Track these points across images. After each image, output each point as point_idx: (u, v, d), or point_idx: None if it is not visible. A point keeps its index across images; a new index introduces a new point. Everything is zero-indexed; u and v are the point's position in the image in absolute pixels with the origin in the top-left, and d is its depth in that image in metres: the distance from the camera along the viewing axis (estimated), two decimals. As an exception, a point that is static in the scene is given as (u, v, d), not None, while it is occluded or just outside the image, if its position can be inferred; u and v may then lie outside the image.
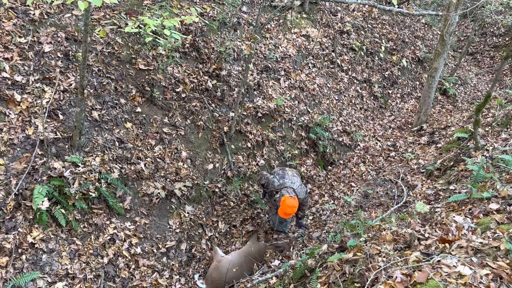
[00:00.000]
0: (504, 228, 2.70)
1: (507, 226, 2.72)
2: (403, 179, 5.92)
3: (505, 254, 2.31)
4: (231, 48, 6.09)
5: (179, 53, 5.61)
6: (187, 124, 5.41)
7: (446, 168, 5.38)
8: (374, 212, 5.17)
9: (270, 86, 6.62)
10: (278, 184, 4.65)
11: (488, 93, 4.84)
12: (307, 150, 6.62)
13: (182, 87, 5.45)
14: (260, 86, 6.43)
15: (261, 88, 6.45)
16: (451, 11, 6.31)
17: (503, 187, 3.53)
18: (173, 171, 5.01)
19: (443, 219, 3.44)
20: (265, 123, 6.23)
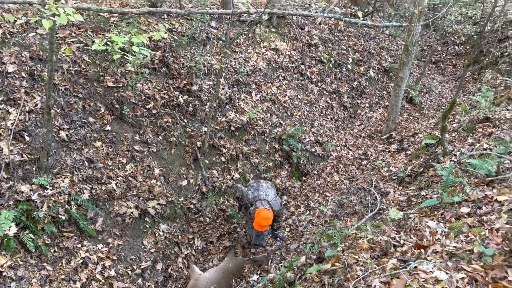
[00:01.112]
0: (476, 231, 2.77)
1: (479, 229, 2.80)
2: (375, 186, 6.02)
3: (479, 257, 2.37)
4: (202, 63, 6.08)
5: (149, 69, 5.55)
6: (159, 140, 5.33)
7: (416, 174, 5.51)
8: (349, 220, 5.22)
9: (242, 100, 6.64)
10: (253, 197, 4.63)
11: (453, 100, 5.02)
12: (281, 162, 6.64)
13: (153, 103, 5.38)
14: (232, 100, 6.43)
15: (233, 101, 6.45)
16: (413, 22, 6.55)
17: (473, 191, 3.64)
18: (146, 189, 4.90)
19: (416, 224, 3.50)
20: (238, 137, 6.22)
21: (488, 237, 2.58)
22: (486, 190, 3.62)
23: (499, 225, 2.78)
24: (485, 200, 3.40)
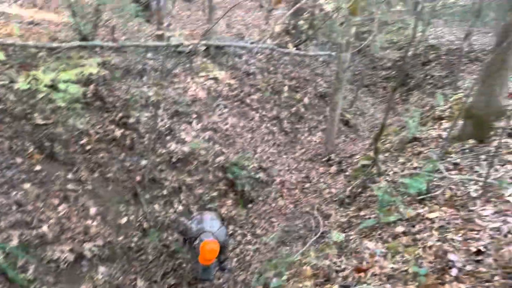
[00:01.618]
0: (410, 250, 2.90)
1: (413, 248, 2.93)
2: (318, 209, 6.15)
3: (413, 277, 2.46)
4: (138, 95, 5.96)
5: (81, 104, 5.33)
6: (95, 177, 5.08)
7: (355, 195, 5.72)
8: (295, 246, 5.25)
9: (183, 130, 6.56)
10: (196, 230, 4.52)
11: (383, 122, 5.31)
12: (226, 190, 6.59)
13: (87, 139, 5.15)
14: (172, 130, 6.33)
15: (174, 132, 6.36)
16: (343, 51, 6.93)
17: (406, 210, 3.82)
18: (82, 230, 4.62)
19: (357, 246, 3.59)
20: (180, 168, 6.10)
21: (422, 256, 2.71)
22: (418, 208, 3.82)
23: (431, 242, 2.93)
24: (418, 218, 3.59)
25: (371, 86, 12.69)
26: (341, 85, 7.59)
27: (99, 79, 5.63)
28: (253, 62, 8.87)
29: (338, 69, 7.53)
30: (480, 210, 3.24)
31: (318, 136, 9.44)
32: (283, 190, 7.22)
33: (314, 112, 9.79)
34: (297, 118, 9.23)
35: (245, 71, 8.61)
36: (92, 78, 5.55)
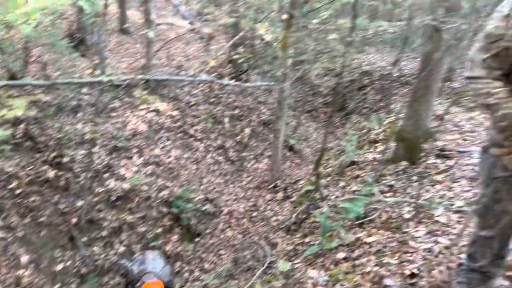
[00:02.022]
0: (350, 278, 2.94)
1: (352, 275, 2.98)
2: (266, 238, 6.13)
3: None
4: (72, 133, 5.71)
5: (10, 145, 5.01)
6: (26, 223, 4.74)
7: (301, 221, 5.77)
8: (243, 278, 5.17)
9: (123, 166, 6.34)
10: (138, 272, 4.32)
11: (322, 148, 5.47)
12: (171, 226, 6.40)
13: (16, 182, 4.82)
14: (110, 167, 6.10)
15: (112, 169, 6.13)
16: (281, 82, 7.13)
17: (347, 235, 3.91)
18: (13, 281, 4.26)
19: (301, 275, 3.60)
20: (120, 206, 5.86)
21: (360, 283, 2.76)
22: (358, 232, 3.93)
23: (369, 268, 3.00)
24: (358, 243, 3.68)
25: (313, 111, 13.11)
26: (283, 112, 7.77)
27: (29, 118, 5.34)
28: (196, 93, 8.88)
29: (279, 98, 7.72)
30: (413, 232, 3.39)
31: (265, 163, 9.52)
32: (231, 220, 7.15)
33: (259, 139, 9.90)
34: (243, 146, 9.28)
35: (188, 101, 8.58)
36: (21, 117, 5.26)
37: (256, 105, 10.42)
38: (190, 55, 10.29)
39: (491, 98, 1.68)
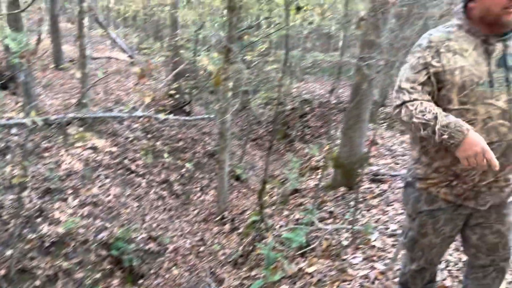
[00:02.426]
0: (290, 312, 2.92)
1: (292, 309, 2.96)
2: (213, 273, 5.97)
3: None
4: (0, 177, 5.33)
5: None
6: None
7: (247, 253, 5.71)
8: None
9: (57, 209, 5.98)
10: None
11: (264, 179, 5.51)
12: (112, 269, 6.05)
13: None
14: (43, 211, 5.73)
15: (46, 213, 5.75)
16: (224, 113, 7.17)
17: (290, 266, 3.90)
18: None
19: (246, 313, 3.52)
20: (55, 252, 5.47)
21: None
22: (300, 262, 3.94)
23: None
24: (300, 274, 3.68)
25: (258, 140, 13.28)
26: (226, 143, 7.78)
27: None
28: (136, 127, 8.68)
29: (221, 129, 7.73)
30: (351, 259, 3.45)
31: (211, 194, 9.41)
32: (177, 258, 6.90)
33: (205, 171, 9.80)
34: (188, 179, 9.13)
35: (127, 136, 8.35)
36: None
37: (200, 136, 10.37)
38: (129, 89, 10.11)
39: (428, 114, 1.61)
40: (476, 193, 1.76)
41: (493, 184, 1.73)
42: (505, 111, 1.63)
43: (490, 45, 1.66)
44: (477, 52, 1.67)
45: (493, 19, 1.63)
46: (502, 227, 1.85)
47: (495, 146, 1.63)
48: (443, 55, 1.68)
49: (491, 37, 1.66)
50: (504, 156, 1.66)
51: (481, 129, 1.64)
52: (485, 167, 1.52)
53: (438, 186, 1.81)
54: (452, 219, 1.86)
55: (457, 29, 1.73)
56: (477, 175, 1.71)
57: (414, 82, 1.70)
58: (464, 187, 1.76)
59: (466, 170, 1.71)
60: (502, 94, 1.63)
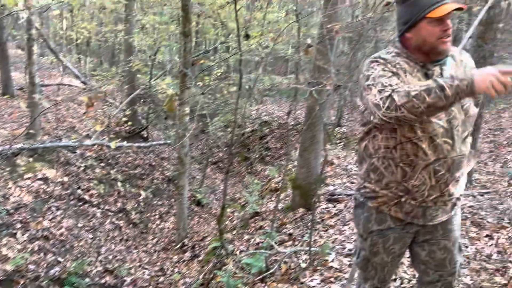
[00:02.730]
0: None
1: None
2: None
3: None
4: None
5: None
6: None
7: (208, 282, 5.57)
8: None
9: (4, 245, 5.61)
10: None
11: (223, 204, 5.45)
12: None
13: None
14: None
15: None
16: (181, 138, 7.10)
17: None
18: None
19: None
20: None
21: None
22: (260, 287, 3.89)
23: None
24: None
25: (219, 162, 13.22)
26: (185, 168, 7.67)
27: None
28: (90, 155, 8.40)
29: (180, 153, 7.63)
30: (309, 281, 3.45)
31: (171, 221, 9.19)
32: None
33: (164, 197, 9.59)
34: (146, 206, 8.88)
35: (81, 165, 8.05)
36: None
37: (159, 162, 10.18)
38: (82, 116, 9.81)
39: (421, 84, 1.51)
40: (424, 210, 1.83)
41: (439, 199, 1.80)
42: (447, 130, 1.72)
43: (429, 70, 1.76)
44: (417, 76, 1.75)
45: (429, 49, 1.72)
46: (448, 243, 1.92)
47: (441, 163, 1.73)
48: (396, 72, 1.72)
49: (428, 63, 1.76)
50: (449, 172, 1.75)
51: (429, 146, 1.72)
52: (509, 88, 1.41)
53: (389, 205, 1.87)
54: (401, 237, 1.93)
55: (396, 55, 1.80)
56: (426, 190, 1.77)
57: (391, 85, 1.60)
58: (413, 203, 1.82)
59: (417, 186, 1.77)
60: (442, 114, 1.71)
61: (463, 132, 1.76)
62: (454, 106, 1.63)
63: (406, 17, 1.76)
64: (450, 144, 1.73)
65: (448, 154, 1.73)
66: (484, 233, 3.95)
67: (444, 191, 1.79)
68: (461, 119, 1.74)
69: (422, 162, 1.73)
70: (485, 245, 3.71)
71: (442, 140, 1.72)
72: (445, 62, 1.77)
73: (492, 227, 4.08)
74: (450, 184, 1.78)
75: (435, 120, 1.70)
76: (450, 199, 1.83)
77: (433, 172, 1.74)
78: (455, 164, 1.76)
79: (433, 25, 1.67)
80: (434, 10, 1.65)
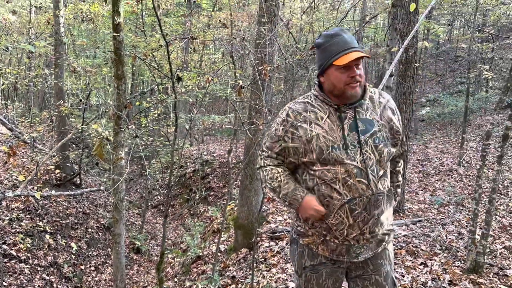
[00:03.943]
0: None
1: None
2: None
3: None
4: None
5: None
6: None
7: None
8: None
9: None
10: None
11: (162, 251, 5.21)
12: None
13: None
14: None
15: None
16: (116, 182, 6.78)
17: None
18: None
19: None
20: None
21: None
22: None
23: None
24: None
25: (159, 205, 12.78)
26: (121, 214, 7.26)
27: None
28: (17, 206, 7.74)
29: (115, 199, 7.27)
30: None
31: (108, 272, 8.60)
32: None
33: (100, 247, 9.01)
34: (80, 258, 8.26)
35: (5, 218, 7.37)
36: None
37: (93, 209, 9.62)
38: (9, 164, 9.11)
39: (274, 182, 1.93)
40: (347, 247, 1.88)
41: (360, 237, 1.85)
42: (362, 170, 1.79)
43: (343, 112, 1.84)
44: (331, 119, 1.84)
45: (338, 93, 1.82)
46: (379, 278, 1.96)
47: (356, 201, 1.79)
48: (300, 127, 1.86)
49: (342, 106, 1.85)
50: (365, 210, 1.81)
51: (343, 186, 1.79)
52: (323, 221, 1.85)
53: (316, 243, 1.93)
54: (333, 272, 1.97)
55: (314, 99, 1.90)
56: (345, 229, 1.83)
57: (271, 150, 1.97)
58: (336, 242, 1.87)
59: (335, 225, 1.84)
60: (357, 155, 1.80)
61: (379, 170, 1.82)
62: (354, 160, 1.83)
63: (319, 62, 1.87)
64: (365, 184, 1.79)
65: (364, 193, 1.79)
66: (419, 261, 4.11)
67: (364, 229, 1.84)
68: (375, 159, 1.82)
69: (337, 202, 1.81)
70: (420, 273, 3.85)
71: (356, 180, 1.79)
72: (361, 105, 1.86)
73: (425, 254, 4.27)
74: (369, 222, 1.83)
75: (348, 162, 1.79)
76: (373, 237, 1.87)
77: (349, 211, 1.81)
78: (372, 202, 1.81)
79: (340, 71, 1.77)
80: (340, 58, 1.75)
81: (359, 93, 1.82)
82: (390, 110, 1.91)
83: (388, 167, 1.90)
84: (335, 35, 1.79)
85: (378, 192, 1.81)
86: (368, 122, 1.83)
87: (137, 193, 13.48)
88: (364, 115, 1.84)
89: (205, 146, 14.67)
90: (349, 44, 1.76)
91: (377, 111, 1.87)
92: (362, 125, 1.82)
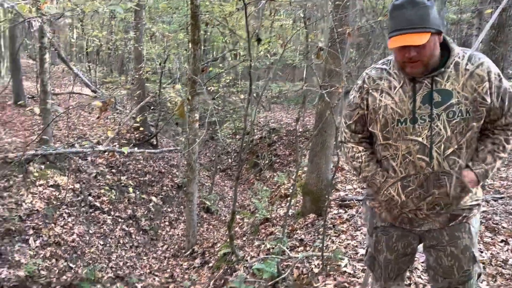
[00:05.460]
0: None
1: None
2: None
3: None
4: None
5: None
6: None
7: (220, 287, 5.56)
8: None
9: (17, 251, 5.66)
10: None
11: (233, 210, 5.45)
12: (76, 313, 5.72)
13: None
14: (2, 254, 5.41)
15: (4, 256, 5.43)
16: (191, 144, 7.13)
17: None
18: None
19: None
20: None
21: None
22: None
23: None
24: (272, 306, 3.61)
25: (227, 170, 13.24)
26: (194, 175, 7.69)
27: None
28: (100, 162, 8.46)
29: (189, 160, 7.66)
30: (322, 286, 3.43)
31: (181, 228, 9.20)
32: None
33: (174, 204, 9.61)
34: (156, 213, 8.91)
35: (92, 172, 8.12)
36: None
37: (168, 169, 10.22)
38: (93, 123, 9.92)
39: (355, 161, 1.89)
40: (408, 218, 1.85)
41: (417, 212, 1.79)
42: (425, 146, 1.68)
43: (418, 82, 1.69)
44: (404, 89, 1.72)
45: (401, 67, 1.70)
46: (456, 250, 1.84)
47: (411, 179, 1.73)
48: (371, 94, 1.80)
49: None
50: (421, 188, 1.72)
51: (400, 163, 1.74)
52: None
53: (381, 207, 1.92)
54: (404, 236, 1.92)
55: (392, 66, 1.79)
56: (398, 205, 1.80)
57: (350, 119, 1.90)
58: (396, 212, 1.85)
59: (385, 201, 1.83)
60: (424, 130, 1.68)
61: (447, 148, 1.68)
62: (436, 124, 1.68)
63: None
64: (426, 161, 1.69)
65: (422, 170, 1.70)
66: (499, 238, 3.90)
67: (421, 206, 1.75)
68: (446, 135, 1.67)
69: (390, 180, 1.78)
70: (500, 250, 3.66)
71: (416, 157, 1.70)
72: (441, 73, 1.67)
73: (507, 232, 4.04)
74: (426, 199, 1.73)
75: (412, 137, 1.70)
76: (434, 214, 1.78)
77: (401, 187, 1.75)
78: (431, 181, 1.71)
79: (397, 49, 1.64)
80: (390, 40, 1.61)
81: (421, 71, 1.65)
82: (478, 78, 1.64)
83: (465, 145, 1.70)
84: (398, 8, 1.60)
85: (440, 170, 1.69)
86: (446, 93, 1.65)
87: (207, 156, 14.03)
88: (443, 85, 1.66)
89: (272, 114, 14.75)
90: (406, 23, 1.56)
91: (460, 80, 1.65)
92: (438, 97, 1.66)
